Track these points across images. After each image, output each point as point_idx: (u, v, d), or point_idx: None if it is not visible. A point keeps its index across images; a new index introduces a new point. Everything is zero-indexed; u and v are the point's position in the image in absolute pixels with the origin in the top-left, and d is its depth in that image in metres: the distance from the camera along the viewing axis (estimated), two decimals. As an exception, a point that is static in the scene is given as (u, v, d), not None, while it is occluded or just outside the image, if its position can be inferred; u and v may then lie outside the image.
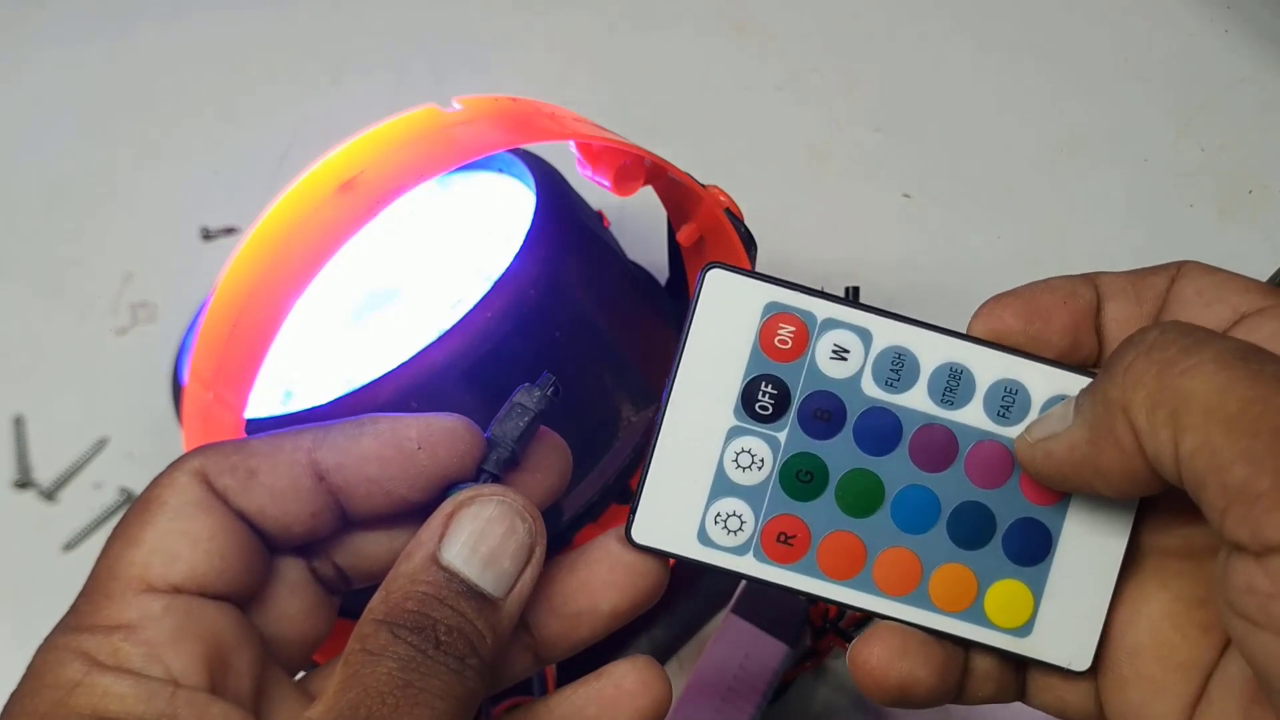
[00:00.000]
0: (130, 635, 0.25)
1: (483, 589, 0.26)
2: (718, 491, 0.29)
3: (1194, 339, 0.24)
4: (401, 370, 0.36)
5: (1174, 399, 0.23)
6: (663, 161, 0.38)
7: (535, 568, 0.27)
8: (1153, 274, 0.30)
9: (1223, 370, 0.23)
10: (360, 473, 0.27)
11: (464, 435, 0.28)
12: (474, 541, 0.26)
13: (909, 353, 0.29)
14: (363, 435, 0.27)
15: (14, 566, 0.50)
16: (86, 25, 0.65)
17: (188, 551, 0.26)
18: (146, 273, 0.57)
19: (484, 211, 0.43)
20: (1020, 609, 0.29)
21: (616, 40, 0.63)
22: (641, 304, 0.44)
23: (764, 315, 0.28)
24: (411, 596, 0.25)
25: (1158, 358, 0.24)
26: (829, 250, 0.56)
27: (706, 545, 0.29)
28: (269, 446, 0.27)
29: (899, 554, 0.29)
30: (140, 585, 0.26)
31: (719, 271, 0.28)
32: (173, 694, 0.25)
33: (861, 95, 0.60)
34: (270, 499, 0.27)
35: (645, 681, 0.29)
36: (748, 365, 0.28)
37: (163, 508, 0.26)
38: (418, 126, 0.35)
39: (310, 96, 0.62)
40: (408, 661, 0.25)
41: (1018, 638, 0.29)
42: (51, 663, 0.25)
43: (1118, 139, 0.57)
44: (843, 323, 0.29)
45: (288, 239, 0.33)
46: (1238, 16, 0.60)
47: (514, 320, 0.37)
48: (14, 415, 0.54)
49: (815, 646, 0.44)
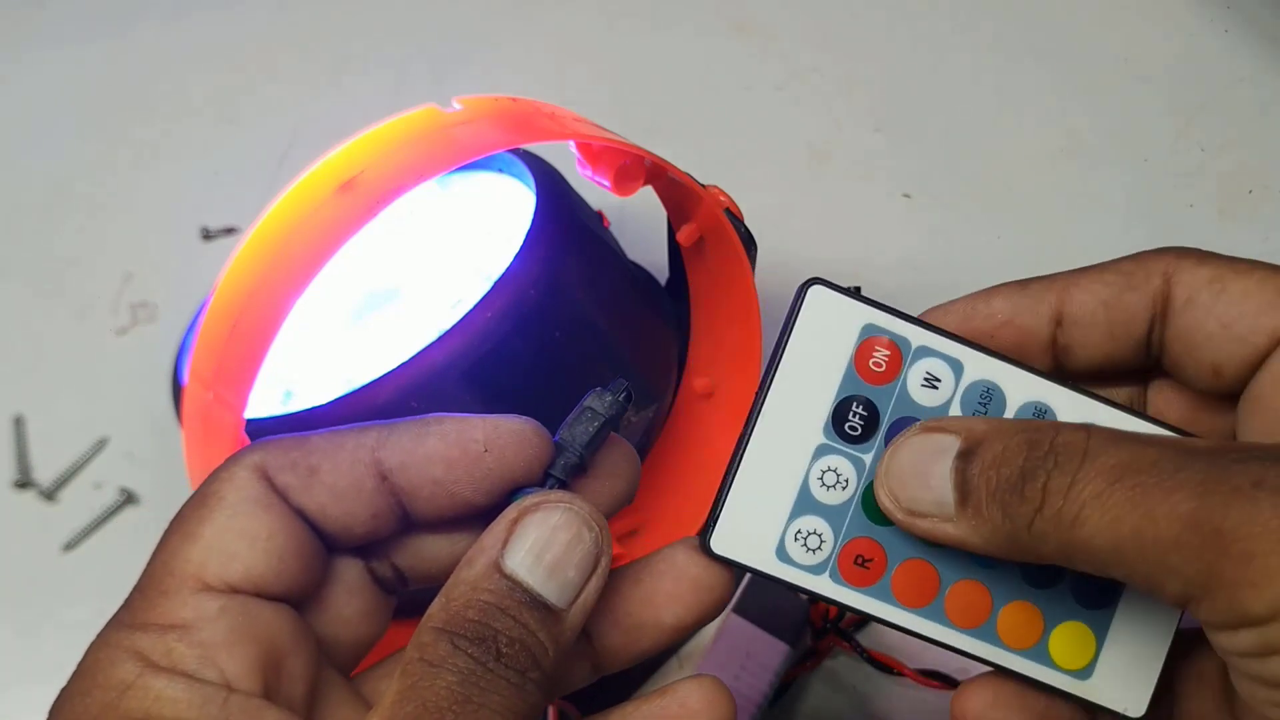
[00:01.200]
0: (185, 636, 0.25)
1: (546, 599, 0.25)
2: (800, 509, 0.28)
3: (1072, 478, 0.25)
4: (401, 370, 0.36)
5: (1081, 551, 0.25)
6: (663, 161, 0.38)
7: (600, 579, 0.26)
8: (1129, 288, 0.29)
9: (1107, 507, 0.24)
10: (424, 474, 0.27)
11: (532, 439, 0.27)
12: (538, 549, 0.25)
13: (997, 388, 0.29)
14: (428, 436, 0.27)
15: (14, 566, 0.50)
16: (87, 25, 0.65)
17: (246, 551, 0.25)
18: (146, 273, 0.57)
19: (484, 211, 0.43)
20: (1083, 652, 0.29)
21: (616, 40, 0.63)
22: (641, 304, 0.44)
23: (861, 336, 0.29)
24: (473, 605, 0.25)
25: (1050, 514, 0.25)
26: (829, 250, 0.56)
27: (784, 562, 0.28)
28: (331, 444, 0.27)
29: (971, 586, 0.29)
30: (196, 584, 0.25)
31: (821, 289, 0.29)
32: (225, 700, 0.24)
33: (861, 95, 0.60)
34: (331, 498, 0.26)
35: (710, 701, 0.28)
36: (841, 384, 0.28)
37: (221, 503, 0.26)
38: (418, 126, 0.35)
39: (310, 96, 0.62)
40: (468, 675, 0.24)
41: (1078, 680, 0.29)
42: (104, 661, 0.24)
43: (1118, 139, 0.57)
44: (936, 351, 0.29)
45: (288, 239, 0.33)
46: (1238, 16, 0.60)
47: (514, 320, 0.37)
48: (14, 415, 0.54)
49: (816, 646, 0.44)
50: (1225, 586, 0.23)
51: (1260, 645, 0.23)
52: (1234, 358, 0.28)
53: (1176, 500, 0.23)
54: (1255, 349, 0.28)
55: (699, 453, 0.46)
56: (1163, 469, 0.24)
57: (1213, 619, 0.24)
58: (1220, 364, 0.28)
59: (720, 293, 0.44)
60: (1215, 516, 0.23)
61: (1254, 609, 0.23)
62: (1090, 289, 0.29)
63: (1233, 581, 0.23)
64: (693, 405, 0.47)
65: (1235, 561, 0.22)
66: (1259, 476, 0.23)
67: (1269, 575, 0.22)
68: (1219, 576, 0.23)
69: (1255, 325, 0.27)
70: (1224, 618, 0.23)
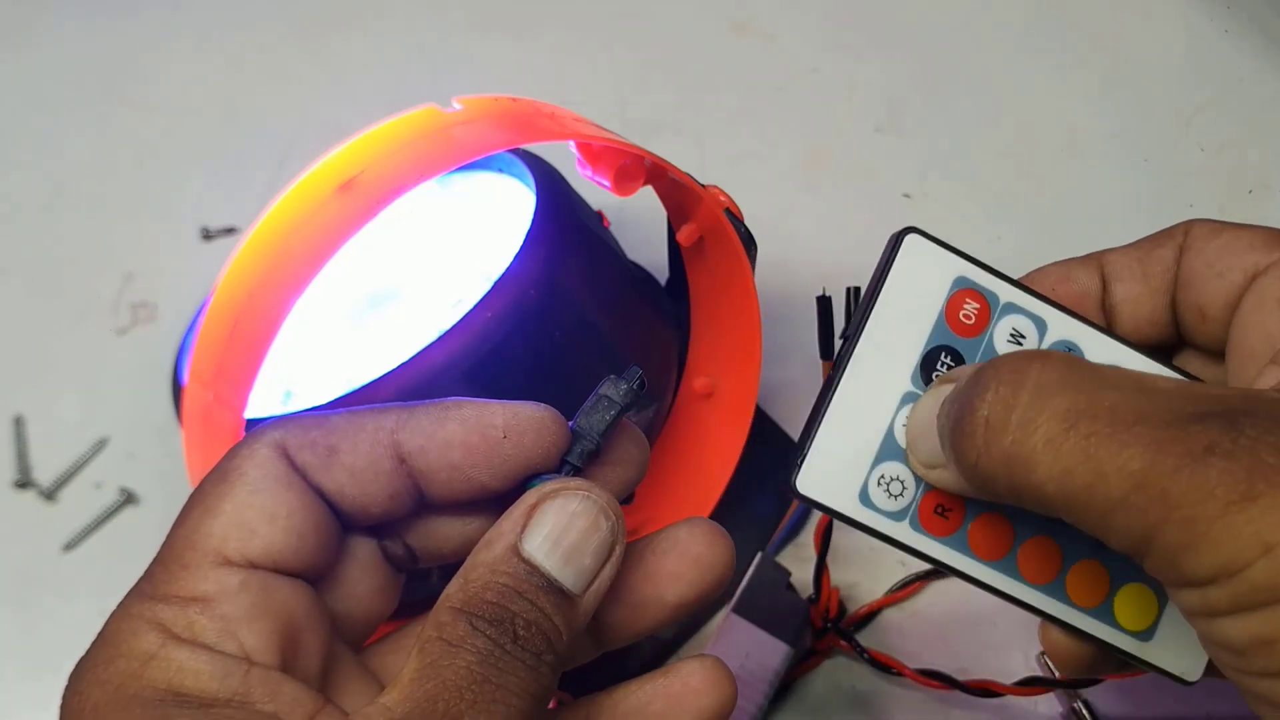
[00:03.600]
0: (206, 609, 0.25)
1: (562, 584, 0.26)
2: (885, 454, 0.28)
3: (1021, 416, 0.25)
4: (401, 370, 0.36)
5: (1032, 494, 0.25)
6: (663, 161, 0.38)
7: (614, 566, 0.26)
8: (1158, 245, 0.30)
9: (1059, 455, 0.24)
10: (443, 458, 0.27)
11: (550, 426, 0.27)
12: (556, 535, 0.26)
13: (1078, 348, 0.29)
14: (448, 420, 0.27)
15: (14, 566, 0.50)
16: (86, 25, 0.65)
17: (265, 527, 0.26)
18: (146, 273, 0.57)
19: (484, 211, 0.43)
20: (1146, 614, 0.29)
21: (617, 40, 0.63)
22: (641, 304, 0.44)
23: (953, 288, 0.29)
24: (491, 587, 0.25)
25: (999, 454, 0.25)
26: (829, 250, 0.56)
27: (867, 506, 0.28)
28: (351, 425, 0.27)
29: (1044, 543, 0.29)
30: (217, 558, 0.25)
31: (917, 237, 0.29)
32: (246, 672, 0.24)
33: (861, 95, 0.60)
34: (349, 478, 0.27)
35: (713, 681, 0.29)
36: (931, 334, 0.29)
37: (242, 479, 0.26)
38: (418, 126, 0.35)
39: (310, 96, 0.62)
40: (486, 656, 0.24)
41: (1140, 641, 0.29)
42: (126, 631, 0.25)
43: (1118, 139, 0.57)
44: (1023, 309, 0.29)
45: (288, 239, 0.33)
46: (1238, 16, 0.60)
47: (514, 320, 0.37)
48: (14, 415, 0.54)
49: (816, 646, 0.44)
50: (1166, 548, 0.23)
51: (1203, 606, 0.23)
52: (1215, 295, 0.29)
53: (1129, 456, 0.23)
54: (1232, 285, 0.28)
55: (699, 452, 0.46)
56: (1119, 418, 0.24)
57: (1157, 575, 0.24)
58: (1204, 303, 0.29)
59: (720, 293, 0.44)
60: (1163, 479, 0.23)
61: (1193, 571, 0.23)
62: (1124, 251, 0.31)
63: (1173, 544, 0.23)
64: (693, 405, 0.47)
65: (1177, 526, 0.23)
66: (1212, 440, 0.23)
67: (1208, 540, 0.23)
68: (1161, 538, 0.23)
69: (1232, 264, 0.28)
70: (1167, 576, 0.24)
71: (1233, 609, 0.23)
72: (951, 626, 0.45)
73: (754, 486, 0.47)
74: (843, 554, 0.46)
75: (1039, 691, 0.39)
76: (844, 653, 0.44)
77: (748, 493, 0.47)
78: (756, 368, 0.44)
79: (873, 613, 0.46)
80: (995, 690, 0.40)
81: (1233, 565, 0.22)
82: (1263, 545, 0.22)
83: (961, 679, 0.41)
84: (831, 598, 0.43)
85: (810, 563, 0.41)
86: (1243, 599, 0.23)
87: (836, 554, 0.46)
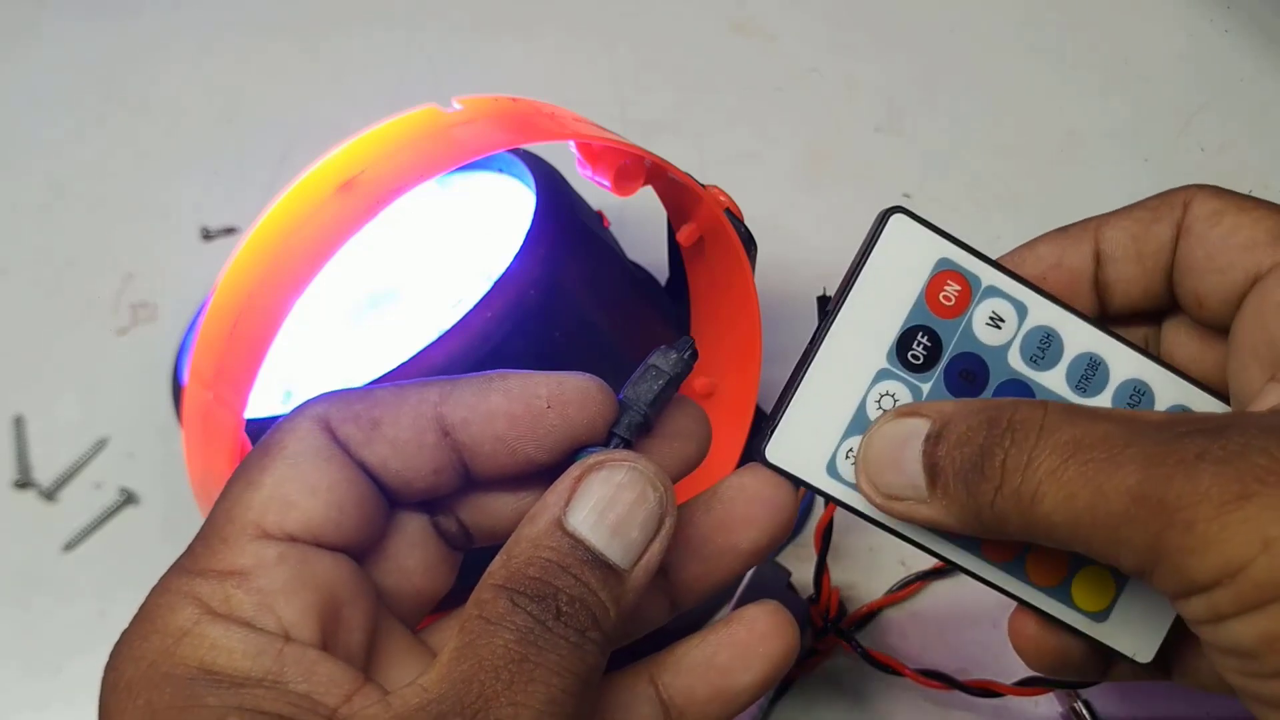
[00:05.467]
0: (244, 583, 0.25)
1: (608, 558, 0.25)
2: (855, 428, 0.29)
3: (1029, 456, 0.25)
4: (401, 370, 0.36)
5: (1042, 527, 0.25)
6: (663, 161, 0.38)
7: (664, 539, 0.26)
8: (1156, 219, 0.30)
9: (1061, 483, 0.24)
10: (487, 430, 0.26)
11: (596, 396, 0.27)
12: (602, 508, 0.25)
13: (1057, 335, 0.29)
14: (491, 391, 0.27)
15: (14, 566, 0.50)
16: (87, 25, 0.65)
17: (305, 500, 0.26)
18: (146, 273, 0.57)
19: (484, 211, 0.43)
20: (1102, 595, 0.29)
21: (617, 40, 0.63)
22: (641, 304, 0.44)
23: (935, 269, 0.29)
24: (534, 562, 0.24)
25: (1010, 493, 0.25)
26: (829, 250, 0.55)
27: (833, 477, 0.29)
28: (394, 397, 0.27)
29: None
30: (256, 531, 0.25)
31: (902, 217, 0.29)
32: (281, 650, 0.24)
33: (861, 95, 0.60)
34: (392, 451, 0.27)
35: (778, 625, 0.29)
36: (910, 313, 0.29)
37: (282, 453, 0.26)
38: (418, 126, 0.35)
39: (310, 96, 0.62)
40: (526, 633, 0.24)
41: (1094, 621, 0.29)
42: (163, 606, 0.25)
43: (1118, 139, 0.57)
44: (1004, 293, 0.29)
45: (288, 239, 0.33)
46: (1238, 16, 0.60)
47: (514, 320, 0.37)
48: (14, 415, 0.54)
49: (816, 646, 0.44)
50: (1171, 555, 0.23)
51: (1210, 612, 0.23)
52: (1215, 290, 0.29)
53: (1125, 474, 0.24)
54: (1233, 283, 0.28)
55: (699, 453, 0.46)
56: (1113, 443, 0.24)
57: (1166, 588, 0.24)
58: (1202, 295, 0.29)
59: (720, 293, 0.44)
60: (1160, 488, 0.23)
61: (1198, 576, 0.23)
62: (1120, 224, 0.30)
63: (1177, 550, 0.23)
64: (693, 405, 0.47)
65: (1179, 530, 0.23)
66: (1201, 449, 0.23)
67: (1209, 542, 0.23)
68: (1165, 546, 0.23)
69: (1234, 261, 0.28)
70: (1175, 586, 0.24)
71: (1238, 609, 0.23)
72: (951, 626, 0.45)
73: (754, 486, 0.47)
74: (843, 554, 0.46)
75: (1039, 692, 0.39)
76: (844, 653, 0.44)
77: (748, 493, 0.47)
78: (756, 368, 0.44)
79: (873, 613, 0.46)
80: (995, 690, 0.40)
81: (1234, 564, 0.23)
82: (1261, 541, 0.22)
83: (961, 679, 0.41)
84: (831, 598, 0.43)
85: (810, 563, 0.41)
86: (1247, 597, 0.23)
87: (836, 554, 0.46)
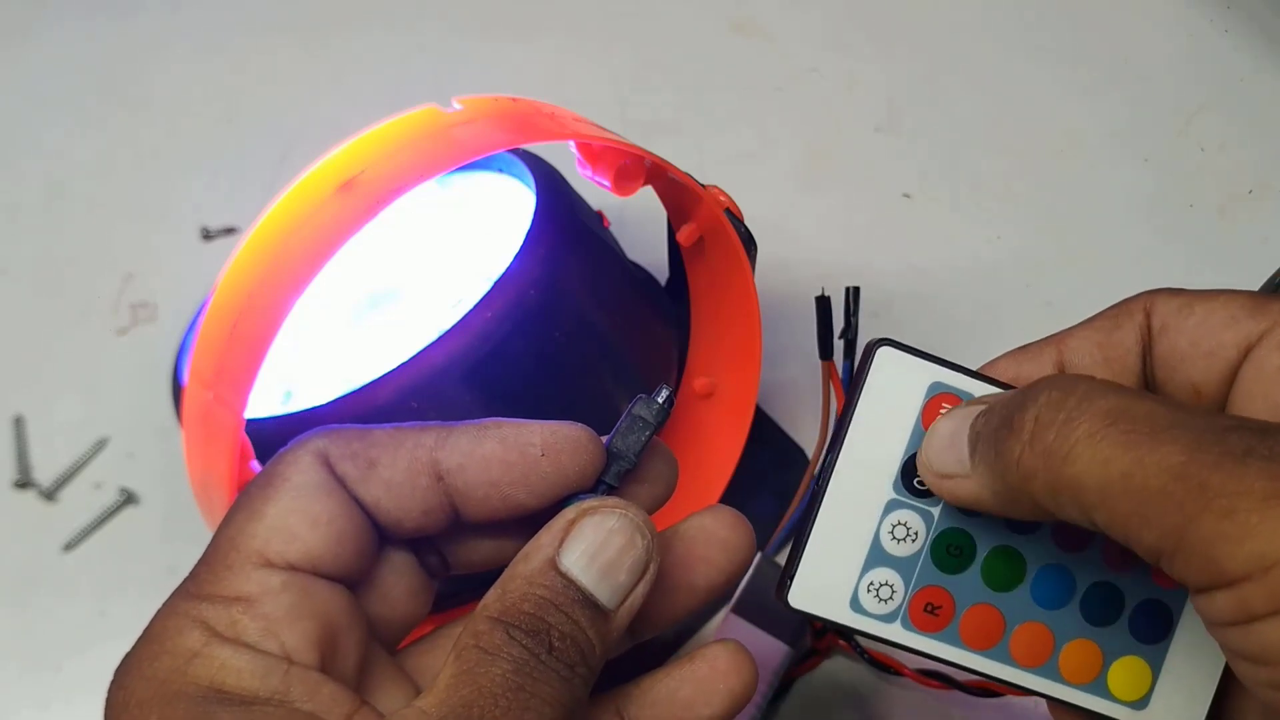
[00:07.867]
0: (249, 609, 0.26)
1: (597, 599, 0.26)
2: (872, 561, 0.29)
3: (1066, 415, 0.25)
4: (401, 370, 0.36)
5: (1068, 488, 0.25)
6: (663, 161, 0.38)
7: (648, 584, 0.27)
8: (1116, 327, 0.30)
9: (1099, 447, 0.24)
10: (481, 475, 0.28)
11: (587, 445, 0.28)
12: (593, 551, 0.27)
13: None
14: (486, 438, 0.28)
15: (14, 566, 0.50)
16: (86, 24, 0.65)
17: (307, 532, 0.27)
18: (146, 273, 0.57)
19: (484, 211, 0.43)
20: (1140, 683, 0.30)
21: (617, 41, 0.63)
22: (641, 304, 0.44)
23: (928, 394, 0.29)
24: (529, 599, 0.26)
25: (1041, 449, 0.25)
26: (829, 251, 0.56)
27: (858, 612, 0.29)
28: (391, 440, 0.28)
29: (1034, 628, 0.30)
30: (260, 560, 0.26)
31: (889, 349, 0.29)
32: (286, 672, 0.25)
33: (861, 95, 0.60)
34: (386, 492, 0.28)
35: (737, 664, 0.30)
36: (909, 441, 0.29)
37: (285, 484, 0.27)
38: (418, 126, 0.35)
39: (310, 96, 0.62)
40: (521, 665, 0.25)
41: (1135, 710, 0.30)
42: (171, 629, 0.26)
43: (1118, 139, 0.57)
44: None
45: (288, 239, 0.33)
46: (1238, 16, 0.60)
47: (514, 320, 0.37)
48: (14, 415, 0.54)
49: (815, 646, 0.44)
50: (1203, 540, 0.23)
51: (1240, 610, 0.23)
52: (1209, 373, 0.29)
53: (1167, 451, 0.23)
54: (1226, 362, 0.28)
55: (699, 452, 0.46)
56: (1157, 421, 0.24)
57: (1188, 576, 0.24)
58: (1198, 382, 0.29)
59: (720, 293, 0.44)
60: (1203, 472, 0.23)
61: (1229, 565, 0.23)
62: (1083, 335, 0.30)
63: (1211, 535, 0.23)
64: (693, 405, 0.47)
65: (1215, 515, 0.22)
66: (1248, 445, 0.23)
67: (1247, 531, 0.22)
68: (1198, 530, 0.23)
69: (1221, 340, 0.28)
70: (1199, 575, 0.23)
71: (1271, 608, 0.22)
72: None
73: (754, 487, 0.47)
74: (843, 554, 0.46)
75: None
76: (844, 653, 0.44)
77: (747, 493, 0.47)
78: (756, 368, 0.44)
79: (873, 613, 0.46)
80: (995, 690, 0.40)
81: (1270, 557, 0.22)
82: None
83: (961, 679, 0.41)
84: (831, 598, 0.43)
85: (810, 563, 0.41)
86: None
87: (836, 554, 0.46)
